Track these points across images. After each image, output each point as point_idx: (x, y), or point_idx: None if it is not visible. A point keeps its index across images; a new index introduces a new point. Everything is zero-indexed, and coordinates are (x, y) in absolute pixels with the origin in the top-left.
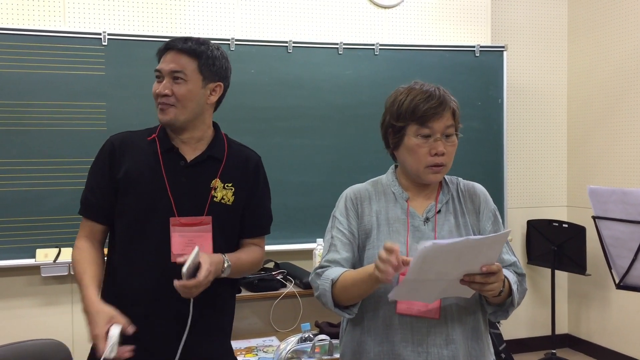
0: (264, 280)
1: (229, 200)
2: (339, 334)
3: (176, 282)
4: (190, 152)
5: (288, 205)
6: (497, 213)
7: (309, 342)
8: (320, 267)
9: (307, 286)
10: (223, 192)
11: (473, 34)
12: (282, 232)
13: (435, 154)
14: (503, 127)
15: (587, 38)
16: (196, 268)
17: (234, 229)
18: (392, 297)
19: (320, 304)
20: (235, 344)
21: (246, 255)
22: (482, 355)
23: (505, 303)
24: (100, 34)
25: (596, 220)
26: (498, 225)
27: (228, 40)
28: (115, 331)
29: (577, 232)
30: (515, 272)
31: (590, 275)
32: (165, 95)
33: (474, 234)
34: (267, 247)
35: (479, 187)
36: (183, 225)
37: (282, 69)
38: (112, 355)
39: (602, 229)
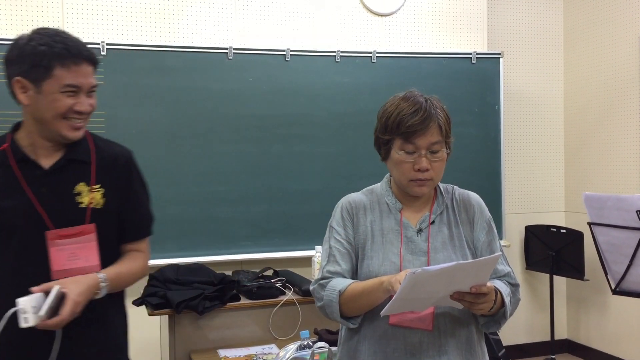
0: (262, 288)
1: (98, 204)
2: (337, 341)
3: (38, 325)
4: (49, 159)
5: (287, 212)
6: (492, 223)
7: (308, 350)
8: (323, 277)
9: (306, 293)
10: (90, 196)
11: (470, 42)
12: (281, 239)
13: (419, 170)
14: (500, 133)
15: (583, 45)
16: (59, 300)
17: (111, 235)
18: (384, 313)
19: (323, 314)
20: (234, 352)
21: (127, 265)
22: None
23: (497, 315)
24: (99, 44)
25: (592, 226)
26: (492, 235)
27: (226, 48)
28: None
29: (575, 238)
30: (509, 283)
31: (588, 280)
32: (86, 112)
33: (468, 245)
34: (267, 255)
35: (474, 196)
36: (63, 237)
37: (280, 77)
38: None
39: (598, 235)
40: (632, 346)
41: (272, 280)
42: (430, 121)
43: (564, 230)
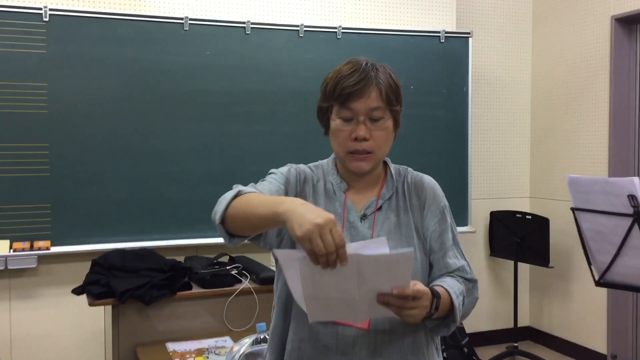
0: (217, 276)
1: None
2: None
3: None
4: None
5: None
6: (447, 211)
7: (264, 344)
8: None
9: (264, 282)
10: None
11: (438, 20)
12: None
13: (356, 139)
14: (468, 116)
15: (552, 26)
16: None
17: None
18: (311, 319)
19: (212, 217)
20: (184, 345)
21: None
22: None
23: (447, 318)
24: (41, 9)
25: (575, 212)
26: (445, 225)
27: (182, 19)
28: None
29: (540, 224)
30: (464, 279)
31: (553, 267)
32: None
33: (418, 234)
34: (222, 240)
35: (428, 180)
36: None
37: (240, 51)
38: None
39: (582, 222)
40: (594, 334)
41: (228, 268)
42: (367, 83)
43: (530, 217)
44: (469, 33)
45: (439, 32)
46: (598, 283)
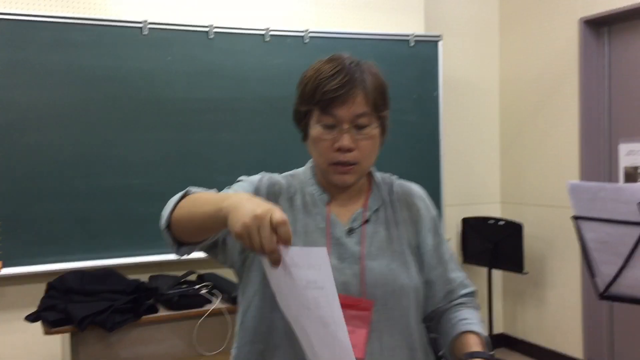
0: (185, 297)
1: None
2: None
3: None
4: None
5: None
6: (438, 222)
7: None
8: None
9: (236, 301)
10: None
11: (407, 24)
12: None
13: (339, 149)
14: (439, 121)
15: (520, 30)
16: None
17: None
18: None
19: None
20: None
21: None
22: None
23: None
24: None
25: (578, 220)
26: (439, 237)
27: (141, 23)
28: None
29: (513, 230)
30: (470, 295)
31: (527, 273)
32: None
33: (410, 249)
34: (189, 256)
35: (417, 190)
36: None
37: (203, 57)
38: None
39: (586, 231)
40: (569, 339)
41: (197, 287)
42: (352, 87)
43: (503, 222)
44: (438, 36)
45: (408, 36)
46: (602, 296)
